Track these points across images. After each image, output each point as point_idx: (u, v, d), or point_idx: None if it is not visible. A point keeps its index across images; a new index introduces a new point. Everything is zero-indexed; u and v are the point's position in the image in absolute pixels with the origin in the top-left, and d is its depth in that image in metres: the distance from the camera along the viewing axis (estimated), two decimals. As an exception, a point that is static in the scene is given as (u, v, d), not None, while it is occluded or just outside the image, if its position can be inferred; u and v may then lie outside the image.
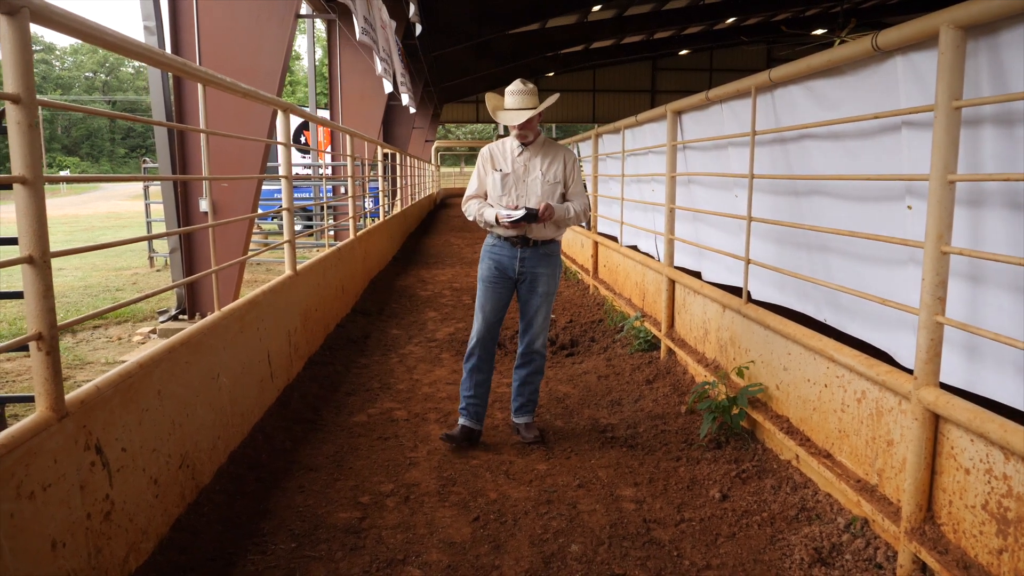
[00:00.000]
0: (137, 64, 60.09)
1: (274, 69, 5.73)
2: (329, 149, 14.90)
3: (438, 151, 34.81)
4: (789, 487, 2.85)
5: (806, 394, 2.93)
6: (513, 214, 3.25)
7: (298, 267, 4.42)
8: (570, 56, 26.92)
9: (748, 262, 3.48)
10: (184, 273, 6.06)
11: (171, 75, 5.83)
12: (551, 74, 31.03)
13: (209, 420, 2.83)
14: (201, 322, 2.90)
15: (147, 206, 11.52)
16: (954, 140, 2.00)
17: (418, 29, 11.12)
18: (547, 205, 3.26)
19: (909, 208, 2.45)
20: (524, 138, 3.38)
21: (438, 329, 6.02)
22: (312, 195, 14.20)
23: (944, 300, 2.06)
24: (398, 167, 13.91)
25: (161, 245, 11.24)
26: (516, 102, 3.28)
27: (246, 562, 2.39)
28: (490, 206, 3.44)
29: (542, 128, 3.85)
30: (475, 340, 3.49)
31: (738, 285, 3.99)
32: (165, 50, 4.82)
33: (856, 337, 2.93)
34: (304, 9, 10.42)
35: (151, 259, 11.64)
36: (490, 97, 3.43)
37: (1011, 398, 2.12)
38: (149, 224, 11.52)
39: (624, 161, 6.20)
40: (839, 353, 2.63)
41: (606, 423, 3.72)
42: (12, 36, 1.67)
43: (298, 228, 3.64)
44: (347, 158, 6.74)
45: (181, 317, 6.37)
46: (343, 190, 12.81)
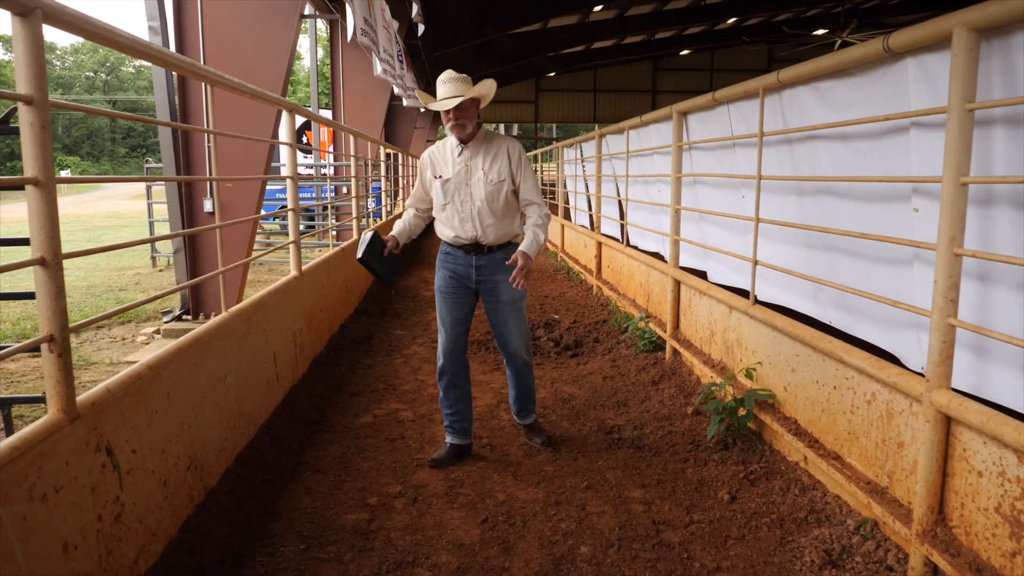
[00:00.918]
0: (137, 64, 60.15)
1: (278, 69, 5.73)
2: (331, 149, 14.90)
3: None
4: (798, 489, 2.85)
5: (815, 396, 2.93)
6: (360, 245, 3.05)
7: (303, 267, 4.42)
8: (571, 56, 26.87)
9: (755, 263, 3.47)
10: (188, 273, 6.05)
11: (175, 75, 5.83)
12: (552, 74, 30.97)
13: (216, 421, 2.83)
14: (209, 323, 2.90)
15: (150, 206, 11.51)
16: (967, 142, 1.99)
17: (420, 29, 11.10)
18: (522, 256, 2.92)
19: (916, 211, 2.44)
20: (462, 130, 3.00)
21: (442, 330, 6.01)
22: (314, 195, 14.21)
23: (956, 302, 2.06)
24: (400, 167, 13.90)
25: (164, 245, 11.23)
26: (448, 90, 2.94)
27: (255, 564, 2.39)
28: (407, 222, 3.27)
29: (550, 129, 3.75)
30: (443, 357, 3.27)
31: (741, 286, 3.99)
32: (170, 50, 4.81)
33: (859, 338, 2.93)
34: (307, 10, 10.41)
35: (154, 259, 11.63)
36: (422, 95, 3.22)
37: (1012, 399, 2.11)
38: (152, 224, 11.51)
39: (628, 162, 6.19)
40: (849, 355, 2.63)
41: (612, 424, 3.71)
42: (25, 37, 1.66)
43: (300, 228, 3.65)
44: (351, 158, 6.74)
45: (185, 317, 6.36)
46: (345, 190, 12.80)
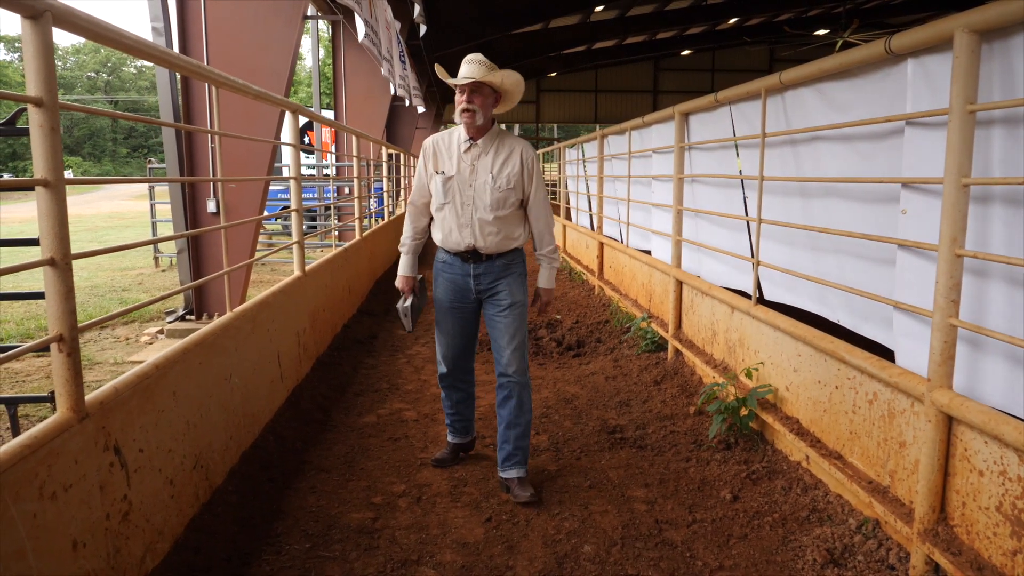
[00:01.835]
0: (139, 64, 60.22)
1: (281, 70, 5.75)
2: (333, 150, 14.92)
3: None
4: (800, 488, 2.86)
5: (817, 396, 2.94)
6: (402, 305, 2.95)
7: (306, 268, 4.44)
8: (572, 56, 26.92)
9: (757, 263, 3.48)
10: (191, 274, 6.08)
11: (179, 76, 5.85)
12: (553, 74, 31.02)
13: (222, 421, 2.84)
14: (214, 323, 2.91)
15: (152, 206, 11.53)
16: (968, 144, 2.01)
17: (422, 30, 11.12)
18: (545, 292, 2.93)
19: (904, 212, 2.44)
20: (471, 117, 2.68)
21: (444, 330, 6.02)
22: (316, 195, 14.23)
23: (958, 303, 2.07)
24: (402, 167, 13.92)
25: (167, 245, 11.24)
26: (469, 70, 2.66)
27: (261, 562, 2.40)
28: (413, 236, 3.01)
29: (552, 129, 3.66)
30: (444, 365, 3.05)
31: (739, 287, 4.00)
32: (173, 50, 4.83)
33: (857, 336, 2.94)
34: (310, 11, 10.43)
35: (156, 259, 11.65)
36: (440, 69, 2.85)
37: (1002, 399, 2.11)
38: (155, 224, 11.53)
39: (630, 162, 6.20)
40: (850, 355, 2.64)
41: (615, 424, 3.73)
42: (35, 40, 1.67)
43: (303, 228, 3.68)
44: (353, 159, 6.76)
45: (188, 317, 6.38)
46: (347, 190, 12.83)
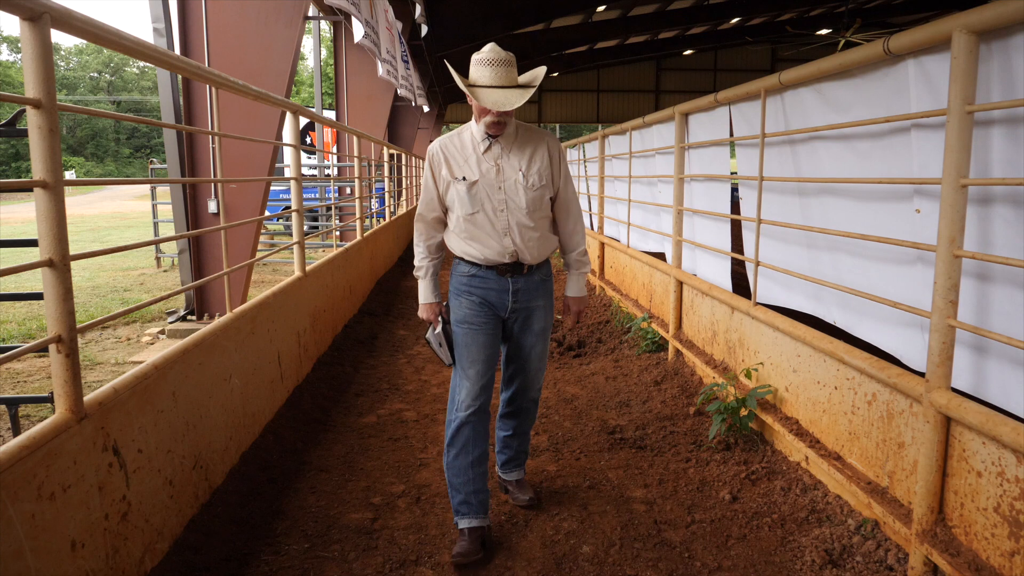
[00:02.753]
0: (141, 65, 60.28)
1: (283, 70, 5.76)
2: (335, 150, 14.93)
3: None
4: (799, 489, 2.86)
5: (816, 396, 2.94)
6: (432, 336, 2.63)
7: (307, 268, 4.44)
8: (574, 56, 26.91)
9: (757, 264, 3.48)
10: (192, 274, 6.08)
11: (180, 77, 5.86)
12: (555, 74, 31.04)
13: (221, 421, 2.85)
14: (214, 324, 2.92)
15: (154, 206, 11.54)
16: (966, 144, 2.00)
17: (424, 30, 11.13)
18: (576, 302, 2.70)
19: (918, 211, 2.45)
20: (500, 129, 2.38)
21: (445, 330, 6.02)
22: (317, 196, 14.25)
23: (956, 303, 2.07)
24: (403, 168, 13.94)
25: (168, 245, 11.26)
26: (494, 75, 2.30)
27: (260, 562, 2.41)
28: (428, 256, 2.62)
29: (554, 129, 3.46)
30: (466, 413, 2.50)
31: (723, 282, 3.99)
32: (175, 51, 4.85)
33: (858, 337, 2.94)
34: (311, 11, 10.44)
35: (158, 259, 11.67)
36: (461, 80, 2.38)
37: (1005, 399, 2.11)
38: (156, 225, 11.55)
39: (631, 162, 6.20)
40: (850, 355, 2.64)
41: (615, 424, 3.73)
42: (34, 41, 1.68)
43: (304, 229, 3.69)
44: (355, 159, 6.76)
45: (189, 318, 6.39)
46: (348, 191, 12.84)
